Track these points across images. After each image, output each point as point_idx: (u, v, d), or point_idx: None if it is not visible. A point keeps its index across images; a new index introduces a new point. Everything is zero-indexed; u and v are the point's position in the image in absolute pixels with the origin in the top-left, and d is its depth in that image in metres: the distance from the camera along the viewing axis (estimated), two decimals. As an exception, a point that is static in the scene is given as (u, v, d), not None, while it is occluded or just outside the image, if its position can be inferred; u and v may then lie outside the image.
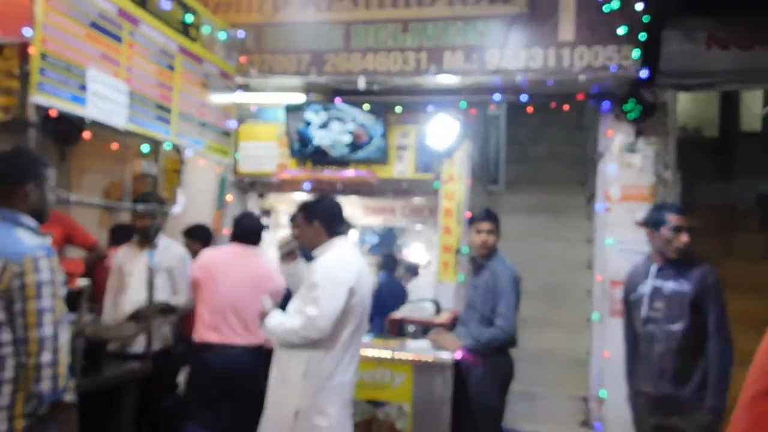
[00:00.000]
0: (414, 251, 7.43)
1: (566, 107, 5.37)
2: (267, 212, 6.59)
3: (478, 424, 3.95)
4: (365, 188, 5.91)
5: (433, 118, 5.49)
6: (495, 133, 7.53)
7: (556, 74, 4.89)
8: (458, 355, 3.87)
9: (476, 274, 4.11)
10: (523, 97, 5.22)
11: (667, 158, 5.07)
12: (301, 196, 5.67)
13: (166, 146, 4.76)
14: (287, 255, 3.48)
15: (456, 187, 5.59)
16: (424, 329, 4.39)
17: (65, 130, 4.41)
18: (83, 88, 3.78)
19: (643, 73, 4.77)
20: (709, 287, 3.09)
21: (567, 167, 7.66)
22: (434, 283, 5.61)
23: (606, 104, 5.19)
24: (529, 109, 5.52)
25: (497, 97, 5.30)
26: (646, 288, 3.19)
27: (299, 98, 5.71)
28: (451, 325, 4.44)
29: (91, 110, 3.83)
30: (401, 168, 5.77)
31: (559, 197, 7.12)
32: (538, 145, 8.10)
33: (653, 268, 3.19)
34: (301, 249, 3.46)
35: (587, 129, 7.13)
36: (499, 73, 4.99)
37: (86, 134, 4.24)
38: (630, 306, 3.29)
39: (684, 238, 3.13)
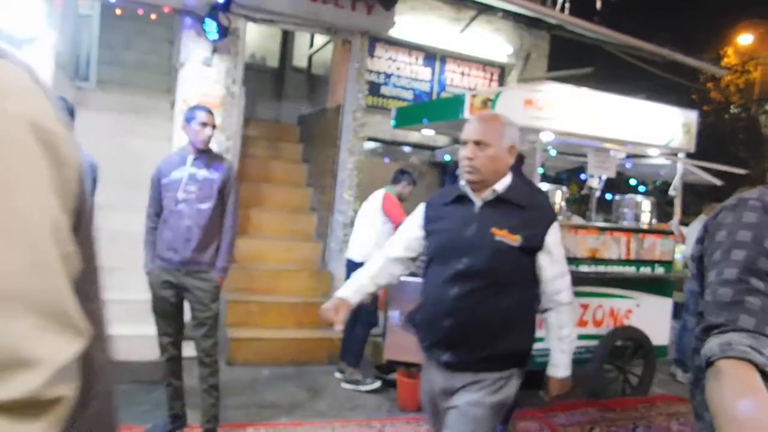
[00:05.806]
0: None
1: (154, 17, 4.77)
2: None
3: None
4: None
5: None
6: (88, 31, 6.40)
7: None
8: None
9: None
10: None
11: (236, 75, 5.00)
12: None
13: None
14: None
15: (37, 75, 4.49)
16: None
17: None
18: None
19: (221, 0, 4.49)
20: (231, 178, 3.20)
21: (156, 75, 7.04)
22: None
23: (188, 20, 4.77)
24: (119, 12, 4.73)
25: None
26: (181, 174, 3.07)
27: None
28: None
29: None
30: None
31: (146, 100, 6.46)
32: (131, 52, 7.18)
33: (190, 159, 3.10)
34: None
35: (176, 42, 6.54)
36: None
37: None
38: (161, 188, 3.12)
39: (208, 131, 3.09)
